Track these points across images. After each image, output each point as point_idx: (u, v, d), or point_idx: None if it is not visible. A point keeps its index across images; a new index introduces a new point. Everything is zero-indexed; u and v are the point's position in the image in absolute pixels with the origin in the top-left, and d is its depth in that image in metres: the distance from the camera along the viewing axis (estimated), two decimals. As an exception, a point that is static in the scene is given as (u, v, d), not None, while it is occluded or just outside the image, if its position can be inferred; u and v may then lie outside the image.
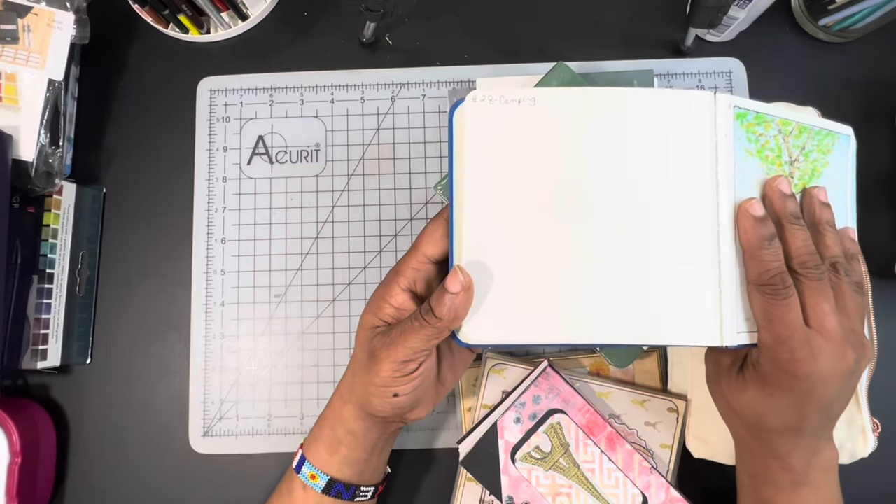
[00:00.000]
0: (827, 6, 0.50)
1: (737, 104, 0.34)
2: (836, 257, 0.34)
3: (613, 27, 0.53)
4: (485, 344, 0.34)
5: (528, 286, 0.33)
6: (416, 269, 0.35)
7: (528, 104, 0.33)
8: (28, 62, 0.46)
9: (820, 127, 0.36)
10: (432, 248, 0.35)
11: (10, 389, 0.49)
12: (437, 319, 0.32)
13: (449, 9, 0.53)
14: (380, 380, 0.35)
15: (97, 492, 0.48)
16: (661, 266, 0.33)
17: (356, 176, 0.51)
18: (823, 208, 0.35)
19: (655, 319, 0.32)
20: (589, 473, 0.43)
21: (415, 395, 0.36)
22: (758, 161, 0.34)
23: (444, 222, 0.35)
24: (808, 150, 0.36)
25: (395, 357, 0.34)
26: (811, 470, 0.34)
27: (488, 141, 0.34)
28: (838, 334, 0.32)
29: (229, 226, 0.50)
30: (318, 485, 0.38)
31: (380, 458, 0.40)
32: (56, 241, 0.47)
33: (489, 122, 0.34)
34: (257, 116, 0.52)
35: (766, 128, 0.35)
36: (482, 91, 0.34)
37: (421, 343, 0.33)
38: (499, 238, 0.33)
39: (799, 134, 0.36)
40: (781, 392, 0.32)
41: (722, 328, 0.32)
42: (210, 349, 0.49)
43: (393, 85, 0.52)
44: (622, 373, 0.47)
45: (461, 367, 0.40)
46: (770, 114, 0.35)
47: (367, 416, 0.37)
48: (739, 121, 0.34)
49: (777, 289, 0.31)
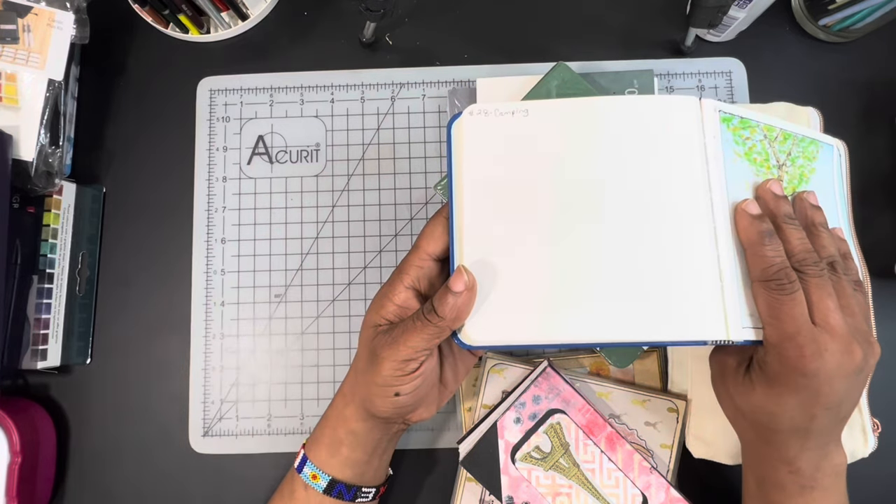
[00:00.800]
0: (827, 6, 0.50)
1: (721, 108, 0.35)
2: (833, 256, 0.34)
3: (613, 27, 0.53)
4: (486, 345, 0.34)
5: (529, 288, 0.33)
6: (419, 268, 0.35)
7: (522, 115, 0.35)
8: (28, 62, 0.46)
9: (803, 135, 0.37)
10: (433, 245, 0.35)
11: (10, 389, 0.49)
12: (440, 318, 0.32)
13: (449, 9, 0.53)
14: (381, 379, 0.35)
15: (97, 492, 0.48)
16: (662, 264, 0.33)
17: (356, 176, 0.51)
18: (815, 211, 0.35)
19: (659, 317, 0.32)
20: (589, 473, 0.43)
21: (416, 394, 0.36)
22: (747, 163, 0.35)
23: (444, 220, 0.35)
24: (794, 156, 0.37)
25: (397, 356, 0.34)
26: (820, 474, 0.34)
27: (485, 150, 0.35)
28: (844, 331, 0.32)
29: (229, 226, 0.50)
30: (319, 485, 0.38)
31: (381, 459, 0.40)
32: (56, 241, 0.47)
33: (485, 133, 0.35)
34: (257, 116, 0.52)
35: (752, 132, 0.35)
36: (479, 105, 0.36)
37: (422, 342, 0.33)
38: (498, 242, 0.34)
39: (784, 140, 0.36)
40: (789, 391, 0.32)
41: (727, 322, 0.32)
42: (210, 349, 0.49)
43: (393, 85, 0.52)
44: (622, 373, 0.47)
45: (463, 370, 0.40)
46: (754, 119, 0.36)
47: (369, 417, 0.37)
48: (725, 124, 0.35)
49: (782, 283, 0.31)
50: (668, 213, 0.33)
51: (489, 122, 0.35)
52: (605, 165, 0.34)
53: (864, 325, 0.33)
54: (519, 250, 0.34)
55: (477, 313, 0.33)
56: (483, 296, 0.33)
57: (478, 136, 0.35)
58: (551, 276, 0.33)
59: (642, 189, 0.33)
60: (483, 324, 0.33)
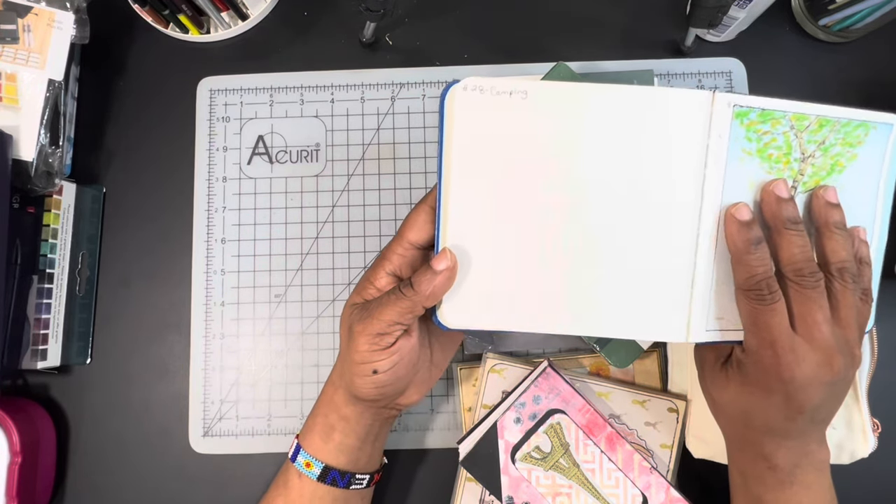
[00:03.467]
0: (827, 6, 0.50)
1: (738, 102, 0.33)
2: (844, 262, 0.33)
3: (613, 27, 0.53)
4: (462, 328, 0.35)
5: (508, 275, 0.34)
6: (401, 256, 0.36)
7: (520, 97, 0.33)
8: (28, 62, 0.46)
9: (849, 118, 0.34)
10: (416, 234, 0.35)
11: (10, 389, 0.49)
12: (414, 293, 0.33)
13: (449, 9, 0.53)
14: (358, 356, 0.35)
15: (97, 492, 0.48)
16: (638, 263, 0.33)
17: (356, 176, 0.51)
18: (831, 209, 0.33)
19: (627, 314, 0.34)
20: (589, 473, 0.43)
21: (394, 373, 0.35)
22: (757, 160, 0.34)
23: (428, 208, 0.35)
24: (828, 145, 0.34)
25: (371, 329, 0.34)
26: (800, 470, 0.34)
27: (476, 131, 0.34)
28: (827, 343, 0.31)
29: (229, 226, 0.50)
30: (313, 473, 0.38)
31: (374, 445, 0.40)
32: (56, 241, 0.47)
33: (478, 113, 0.33)
34: (257, 116, 0.52)
35: (774, 125, 0.34)
36: (473, 80, 0.33)
37: (395, 315, 0.34)
38: (481, 226, 0.34)
39: (818, 128, 0.34)
40: (761, 391, 0.33)
41: (689, 326, 0.33)
42: (210, 349, 0.49)
43: (393, 85, 0.52)
44: (622, 373, 0.47)
45: (451, 347, 0.41)
46: (780, 109, 0.33)
47: (357, 401, 0.37)
48: (739, 120, 0.33)
49: (762, 294, 0.31)
50: (654, 214, 0.33)
51: (484, 100, 0.33)
52: (600, 159, 0.33)
53: (854, 336, 0.33)
54: (502, 236, 0.34)
55: (456, 295, 0.34)
56: (464, 279, 0.34)
57: (470, 114, 0.33)
58: (531, 265, 0.34)
59: (632, 186, 0.33)
60: (461, 306, 0.34)
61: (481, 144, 0.34)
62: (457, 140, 0.34)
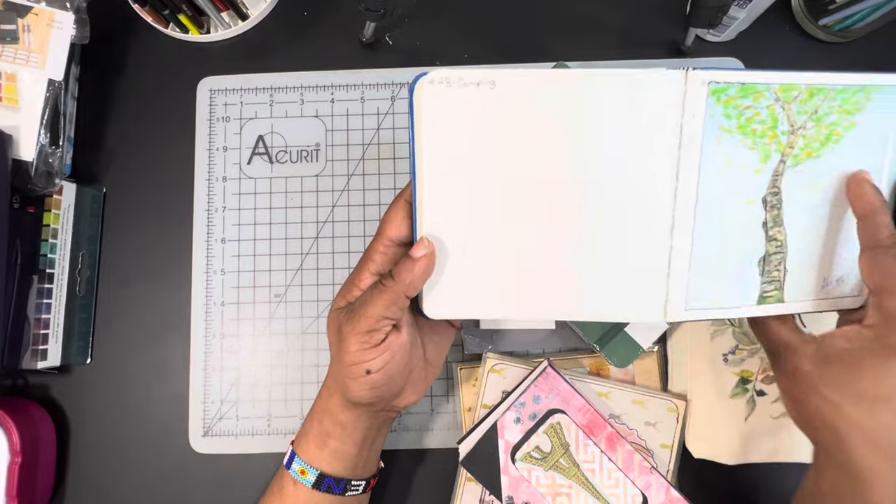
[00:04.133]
0: (827, 6, 0.50)
1: (714, 79, 0.32)
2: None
3: (613, 27, 0.53)
4: (446, 317, 0.36)
5: (486, 263, 0.34)
6: (383, 254, 0.35)
7: (488, 87, 0.33)
8: (28, 62, 0.46)
9: (845, 85, 0.33)
10: (395, 230, 0.35)
11: (10, 389, 0.49)
12: (395, 283, 0.33)
13: (449, 9, 0.53)
14: (349, 357, 0.35)
15: (97, 492, 0.48)
16: (614, 247, 0.34)
17: (356, 176, 0.51)
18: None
19: (606, 296, 0.34)
20: (589, 473, 0.43)
21: (387, 371, 0.35)
22: (739, 137, 0.33)
23: (405, 203, 0.35)
24: (821, 114, 0.34)
25: (359, 328, 0.34)
26: None
27: (445, 124, 0.33)
28: None
29: (229, 226, 0.50)
30: (308, 480, 0.38)
31: (371, 450, 0.40)
32: (56, 241, 0.47)
33: (446, 105, 0.33)
34: (257, 116, 0.52)
35: (757, 98, 0.33)
36: (440, 72, 0.32)
37: (381, 309, 0.34)
38: (457, 216, 0.34)
39: (809, 98, 0.33)
40: None
41: (666, 306, 0.34)
42: (210, 349, 0.49)
43: (393, 85, 0.52)
44: (622, 373, 0.47)
45: (444, 344, 0.40)
46: (763, 82, 0.33)
47: (353, 406, 0.37)
48: (715, 97, 0.32)
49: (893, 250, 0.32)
50: (629, 197, 0.33)
51: (451, 93, 0.33)
52: (572, 144, 0.33)
53: None
54: (478, 225, 0.34)
55: (438, 285, 0.35)
56: (443, 268, 0.34)
57: (438, 107, 0.33)
58: (509, 252, 0.34)
59: (607, 170, 0.33)
60: (443, 295, 0.35)
61: (451, 136, 0.33)
62: (426, 133, 0.33)
